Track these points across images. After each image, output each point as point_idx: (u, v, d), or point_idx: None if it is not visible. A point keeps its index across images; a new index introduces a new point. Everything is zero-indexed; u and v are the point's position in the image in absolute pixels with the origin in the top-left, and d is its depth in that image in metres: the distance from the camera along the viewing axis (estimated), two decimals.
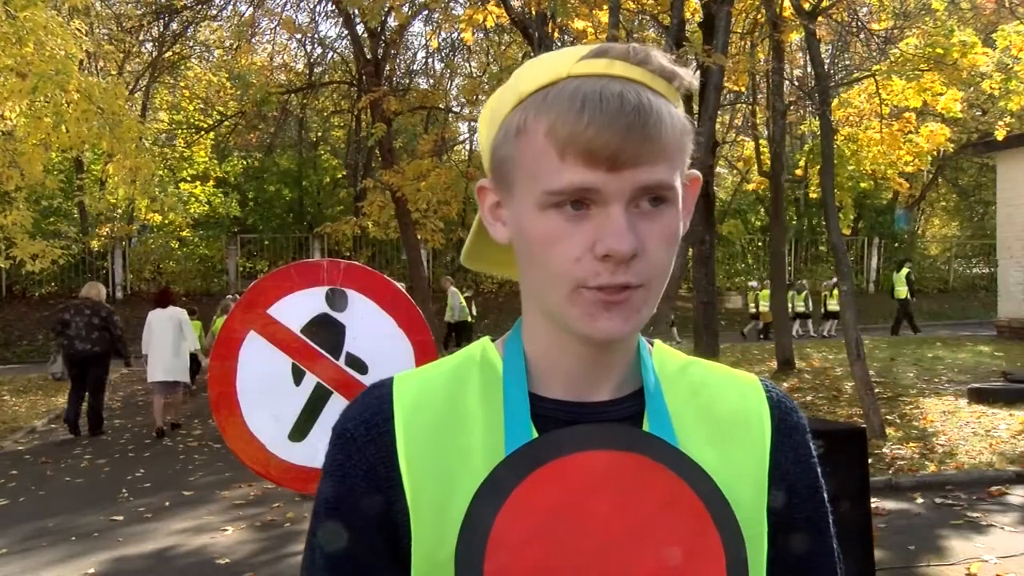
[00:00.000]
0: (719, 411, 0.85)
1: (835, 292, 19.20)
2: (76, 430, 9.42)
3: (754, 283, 21.14)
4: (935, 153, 15.09)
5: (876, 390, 8.81)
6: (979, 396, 9.37)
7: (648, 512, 0.76)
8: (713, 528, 0.77)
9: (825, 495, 0.89)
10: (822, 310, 19.57)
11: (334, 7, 14.53)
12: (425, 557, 0.78)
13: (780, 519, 0.84)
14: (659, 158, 0.73)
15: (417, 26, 17.57)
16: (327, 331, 2.47)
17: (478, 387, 0.83)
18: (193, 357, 10.02)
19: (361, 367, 2.47)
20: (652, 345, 0.90)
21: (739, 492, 0.79)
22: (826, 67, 14.68)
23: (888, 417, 8.65)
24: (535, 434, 0.79)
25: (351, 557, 0.80)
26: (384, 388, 0.85)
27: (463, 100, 15.73)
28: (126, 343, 9.80)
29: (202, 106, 23.41)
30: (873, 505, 4.82)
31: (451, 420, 0.81)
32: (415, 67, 19.45)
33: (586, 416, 0.81)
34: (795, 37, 13.67)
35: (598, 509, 0.75)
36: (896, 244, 27.77)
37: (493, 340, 0.89)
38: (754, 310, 19.84)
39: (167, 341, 9.28)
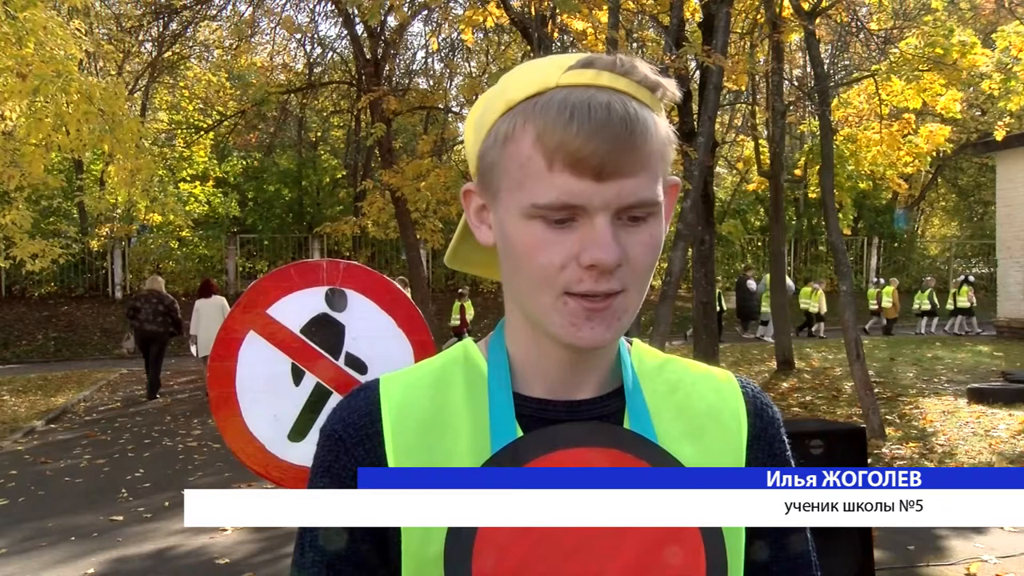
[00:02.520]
0: (696, 407, 0.87)
1: (963, 289, 19.24)
2: (154, 394, 11.99)
3: (875, 279, 21.39)
4: (934, 153, 15.08)
5: (876, 390, 8.81)
6: (978, 396, 9.37)
7: None
8: None
9: None
10: (952, 306, 19.60)
11: (334, 7, 14.53)
12: (413, 555, 0.79)
13: None
14: (643, 168, 0.75)
15: (417, 26, 17.59)
16: (327, 331, 2.46)
17: (463, 387, 0.85)
18: None
19: (361, 367, 2.47)
20: (631, 344, 0.91)
21: None
22: (826, 67, 14.70)
23: (888, 417, 8.66)
24: (520, 433, 0.81)
25: (341, 556, 0.82)
26: (371, 390, 0.86)
27: (463, 100, 15.73)
28: (180, 325, 11.94)
29: (202, 106, 23.37)
30: None
31: (438, 420, 0.83)
32: (415, 67, 19.46)
33: (569, 415, 0.83)
34: (795, 37, 13.67)
35: None
36: (896, 244, 27.75)
37: (476, 341, 0.90)
38: (875, 306, 19.87)
39: (214, 323, 10.75)
